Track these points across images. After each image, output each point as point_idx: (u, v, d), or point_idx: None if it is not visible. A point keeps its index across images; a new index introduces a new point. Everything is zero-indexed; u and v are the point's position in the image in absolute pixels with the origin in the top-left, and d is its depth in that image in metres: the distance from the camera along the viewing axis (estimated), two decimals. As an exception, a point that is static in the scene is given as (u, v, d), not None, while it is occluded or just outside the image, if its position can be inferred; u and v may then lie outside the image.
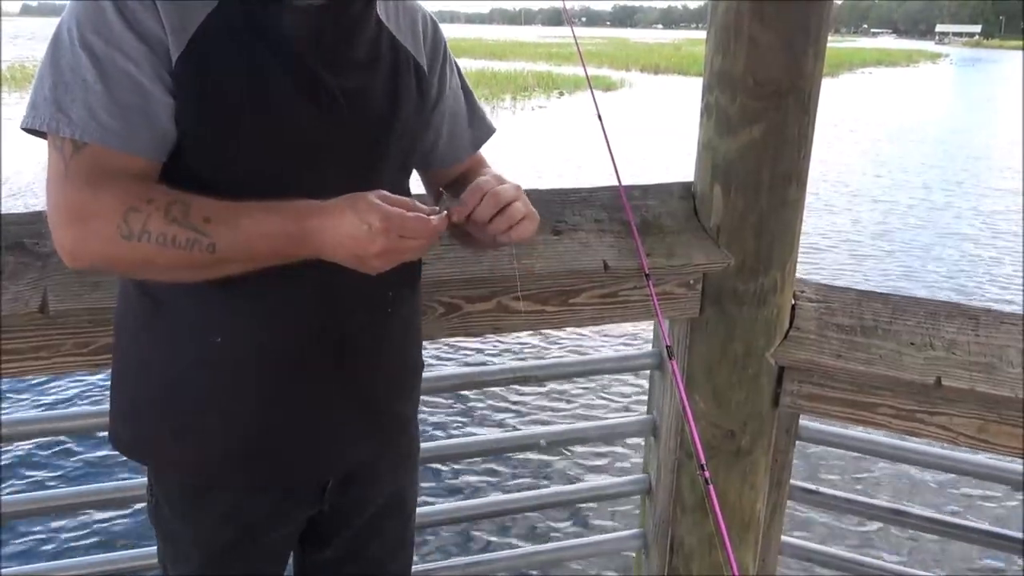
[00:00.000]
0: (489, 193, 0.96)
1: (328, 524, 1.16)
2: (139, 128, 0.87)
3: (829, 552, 1.76)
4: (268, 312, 0.97)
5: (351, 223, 0.85)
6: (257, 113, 0.91)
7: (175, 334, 0.99)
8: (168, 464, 1.06)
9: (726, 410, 1.54)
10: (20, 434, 1.49)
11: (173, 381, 1.00)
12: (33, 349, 1.20)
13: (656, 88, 26.49)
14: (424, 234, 0.88)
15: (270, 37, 0.92)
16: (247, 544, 1.08)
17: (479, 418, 4.26)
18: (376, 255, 0.86)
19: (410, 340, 1.16)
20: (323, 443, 1.05)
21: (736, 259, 1.45)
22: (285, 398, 1.01)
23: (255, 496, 1.06)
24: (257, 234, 0.86)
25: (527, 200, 1.00)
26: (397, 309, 1.08)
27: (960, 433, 1.44)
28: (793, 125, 1.39)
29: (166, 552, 1.12)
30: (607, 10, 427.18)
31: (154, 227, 0.83)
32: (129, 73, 0.86)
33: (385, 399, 1.12)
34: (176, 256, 0.84)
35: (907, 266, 7.58)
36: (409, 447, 1.24)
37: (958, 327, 1.49)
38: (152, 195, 0.85)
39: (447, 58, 1.14)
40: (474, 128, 1.21)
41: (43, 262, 1.19)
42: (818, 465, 3.67)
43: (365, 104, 0.99)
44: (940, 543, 3.09)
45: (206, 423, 1.00)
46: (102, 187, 0.85)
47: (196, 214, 0.84)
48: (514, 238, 0.98)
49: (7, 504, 1.45)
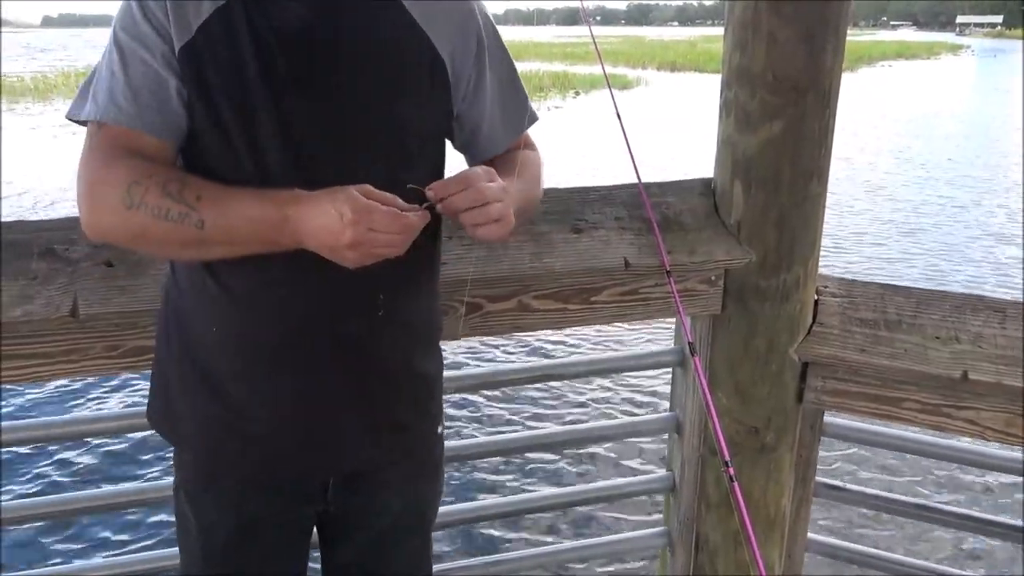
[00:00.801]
0: (474, 187, 0.95)
1: (340, 526, 1.17)
2: (150, 110, 0.94)
3: (856, 549, 1.74)
4: (258, 307, 1.01)
5: (325, 212, 0.88)
6: (246, 119, 0.94)
7: (185, 319, 1.06)
8: (180, 444, 1.12)
9: (749, 406, 1.53)
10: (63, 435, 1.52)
11: (182, 371, 1.06)
12: (64, 352, 1.23)
13: (673, 85, 26.40)
14: (395, 228, 0.89)
15: (270, 33, 0.94)
16: (247, 537, 1.11)
17: (500, 417, 4.26)
18: (347, 246, 0.88)
19: (416, 347, 1.14)
20: (317, 442, 1.07)
21: (758, 255, 1.45)
22: (276, 395, 1.04)
23: (254, 490, 1.10)
24: (242, 217, 0.90)
25: (509, 204, 0.98)
26: (392, 313, 1.06)
27: (988, 427, 1.43)
28: (813, 120, 1.38)
29: (179, 537, 1.16)
30: (622, 8, 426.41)
31: (151, 199, 0.89)
32: (145, 61, 0.93)
33: (383, 404, 1.10)
34: (168, 229, 0.90)
35: (934, 266, 7.37)
36: (426, 457, 1.21)
37: (984, 320, 1.47)
38: (154, 171, 0.92)
39: (485, 48, 1.09)
40: (516, 117, 1.17)
41: (73, 267, 1.21)
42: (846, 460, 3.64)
43: (367, 104, 0.99)
44: (970, 539, 3.06)
45: (203, 413, 1.06)
46: (115, 162, 0.92)
47: (190, 192, 0.90)
48: (480, 236, 0.97)
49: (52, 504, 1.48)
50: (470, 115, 1.11)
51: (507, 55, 1.14)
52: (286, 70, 0.95)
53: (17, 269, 1.19)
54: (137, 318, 1.22)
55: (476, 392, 4.16)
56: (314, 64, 0.96)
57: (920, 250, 7.94)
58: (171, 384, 1.09)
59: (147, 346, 1.24)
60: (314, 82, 0.96)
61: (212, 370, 1.04)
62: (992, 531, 1.64)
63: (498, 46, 1.12)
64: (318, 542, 1.23)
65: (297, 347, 1.02)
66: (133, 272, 1.22)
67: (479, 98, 1.11)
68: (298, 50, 0.95)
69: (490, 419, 4.25)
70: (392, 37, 1.01)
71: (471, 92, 1.10)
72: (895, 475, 3.65)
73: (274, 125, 0.95)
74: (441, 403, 1.22)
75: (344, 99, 0.98)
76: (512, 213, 0.99)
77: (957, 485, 3.60)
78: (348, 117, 0.98)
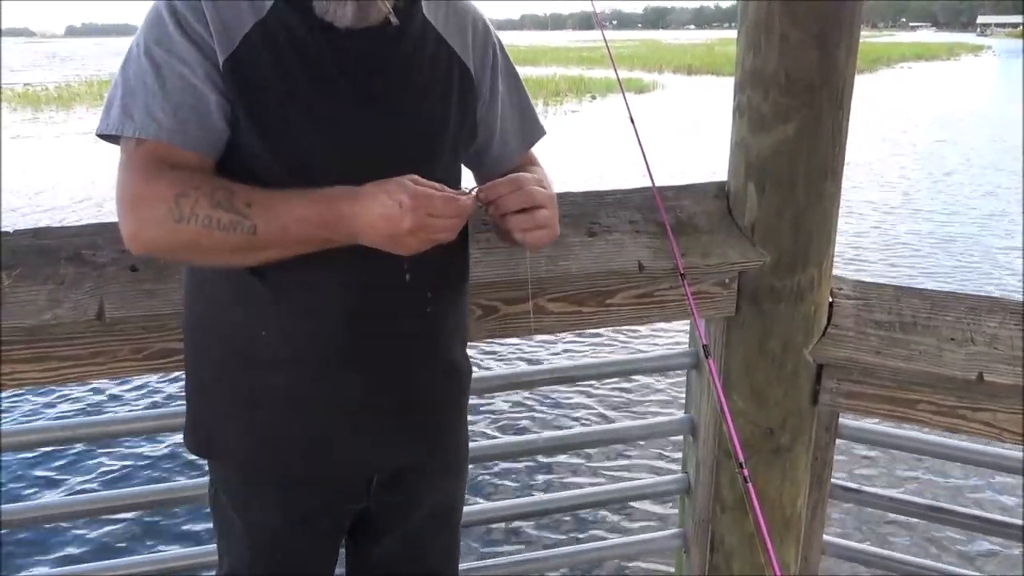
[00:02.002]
0: (524, 189, 0.99)
1: (376, 522, 1.19)
2: (191, 125, 0.94)
3: (873, 551, 1.74)
4: (309, 310, 1.01)
5: (383, 203, 0.90)
6: (292, 126, 0.96)
7: (226, 330, 1.05)
8: (223, 452, 1.11)
9: (764, 408, 1.54)
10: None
11: (222, 376, 1.06)
12: (91, 355, 1.26)
13: (689, 89, 26.28)
14: (451, 212, 0.92)
15: (311, 52, 0.96)
16: (294, 535, 1.12)
17: (515, 419, 4.28)
18: (408, 231, 0.90)
19: (455, 345, 1.18)
20: (366, 441, 1.09)
21: (772, 256, 1.46)
22: (324, 395, 1.05)
23: (302, 488, 1.11)
24: (294, 218, 0.91)
25: (555, 213, 1.03)
26: (438, 312, 1.10)
27: (1004, 429, 1.43)
28: (827, 120, 1.39)
29: (220, 542, 1.17)
30: (638, 12, 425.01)
31: (201, 210, 0.90)
32: (183, 75, 0.93)
33: (429, 402, 1.14)
34: (220, 238, 0.90)
35: (970, 275, 7.04)
36: (457, 454, 1.25)
37: (999, 322, 1.47)
38: (199, 182, 0.92)
39: (499, 60, 1.15)
40: (525, 129, 1.23)
41: (99, 272, 1.24)
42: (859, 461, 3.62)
43: (404, 108, 1.02)
44: (986, 541, 3.03)
45: (254, 415, 1.06)
46: (157, 177, 0.92)
47: (239, 199, 0.91)
48: (528, 241, 1.01)
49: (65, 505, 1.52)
50: (486, 121, 1.15)
51: (517, 72, 1.20)
52: (329, 78, 0.97)
53: (46, 274, 1.23)
54: (163, 321, 1.25)
55: (491, 394, 4.18)
56: (357, 72, 0.98)
57: (956, 262, 7.57)
58: (203, 403, 1.10)
59: (172, 348, 1.28)
60: (357, 89, 0.98)
61: (261, 374, 1.04)
62: (1012, 535, 1.63)
63: (509, 61, 1.18)
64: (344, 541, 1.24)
65: (349, 346, 1.03)
66: (158, 276, 1.25)
67: (493, 106, 1.15)
68: (340, 58, 0.97)
69: (505, 421, 4.26)
70: (422, 46, 1.05)
71: (488, 99, 1.14)
72: (911, 477, 3.63)
73: (319, 132, 0.97)
74: (468, 399, 1.26)
75: (387, 105, 1.01)
76: (557, 221, 1.03)
77: (977, 488, 3.57)
78: (389, 123, 1.01)
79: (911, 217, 9.30)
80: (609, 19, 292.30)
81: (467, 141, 1.14)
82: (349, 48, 0.98)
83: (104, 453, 3.86)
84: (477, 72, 1.12)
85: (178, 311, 1.19)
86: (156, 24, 0.94)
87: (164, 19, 0.94)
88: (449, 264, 1.10)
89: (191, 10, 0.93)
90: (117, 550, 3.09)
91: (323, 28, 0.96)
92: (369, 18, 0.97)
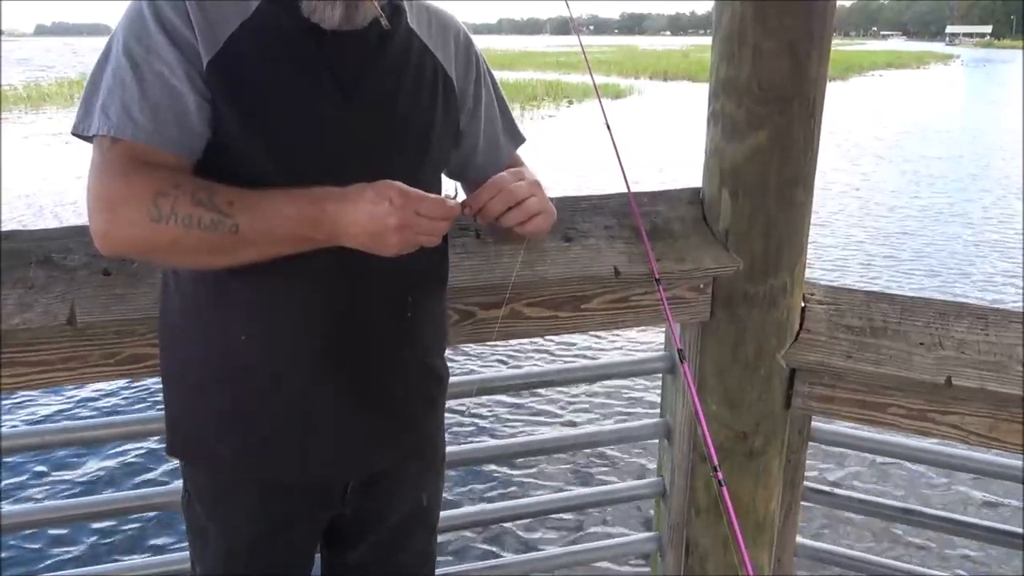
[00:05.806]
0: (505, 189, 1.01)
1: (352, 527, 1.18)
2: (169, 126, 0.92)
3: (845, 553, 1.76)
4: (289, 314, 1.01)
5: (370, 199, 0.90)
6: (280, 125, 0.96)
7: (203, 334, 1.04)
8: (198, 459, 1.10)
9: (738, 412, 1.55)
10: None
11: (202, 380, 1.05)
12: (62, 360, 1.24)
13: (665, 95, 26.50)
14: (439, 213, 0.92)
15: (298, 52, 0.96)
16: (270, 541, 1.12)
17: (490, 423, 4.28)
18: (395, 228, 0.89)
19: (434, 349, 1.18)
20: (345, 445, 1.08)
21: (745, 262, 1.48)
22: (306, 399, 1.04)
23: (278, 494, 1.10)
24: (278, 217, 0.90)
25: (544, 196, 1.05)
26: (419, 316, 1.10)
27: (971, 432, 1.46)
28: (799, 129, 1.41)
29: (194, 548, 1.16)
30: (615, 18, 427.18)
31: (181, 209, 0.88)
32: (162, 75, 0.91)
33: (408, 406, 1.14)
34: (201, 238, 0.89)
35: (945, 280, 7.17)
36: (434, 457, 1.26)
37: (967, 327, 1.50)
38: (179, 181, 0.90)
39: (481, 70, 1.17)
40: (508, 137, 1.24)
41: (71, 276, 1.23)
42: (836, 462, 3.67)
43: (390, 110, 1.03)
44: (956, 542, 3.09)
45: (231, 422, 1.05)
46: (134, 175, 0.90)
47: (221, 198, 0.89)
48: (528, 231, 1.03)
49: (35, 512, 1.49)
50: (470, 130, 1.17)
51: (497, 83, 1.22)
52: (316, 78, 0.97)
53: (15, 278, 1.21)
54: (135, 326, 1.24)
55: (467, 398, 4.17)
56: (344, 73, 0.98)
57: (931, 264, 7.71)
58: (180, 409, 1.09)
59: (144, 353, 1.26)
60: (344, 90, 0.98)
61: (239, 379, 1.03)
62: (979, 535, 1.66)
63: (490, 72, 1.20)
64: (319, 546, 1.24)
65: (329, 350, 1.03)
66: (130, 280, 1.23)
67: (476, 116, 1.17)
68: (327, 59, 0.97)
69: (480, 425, 4.26)
70: (407, 53, 1.06)
71: (472, 109, 1.16)
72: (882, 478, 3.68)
73: (306, 132, 0.97)
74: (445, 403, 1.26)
75: (374, 107, 1.01)
76: (550, 203, 1.05)
77: (944, 489, 3.63)
78: (376, 125, 1.01)
79: (884, 219, 9.49)
80: (586, 24, 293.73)
81: (449, 147, 1.14)
82: (335, 49, 0.98)
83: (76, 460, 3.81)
84: (460, 82, 1.13)
85: (150, 316, 1.18)
86: (136, 22, 0.92)
87: (145, 17, 0.92)
88: (430, 269, 1.10)
89: (174, 10, 0.92)
90: (80, 559, 3.04)
91: (309, 29, 0.96)
92: (356, 21, 0.97)
